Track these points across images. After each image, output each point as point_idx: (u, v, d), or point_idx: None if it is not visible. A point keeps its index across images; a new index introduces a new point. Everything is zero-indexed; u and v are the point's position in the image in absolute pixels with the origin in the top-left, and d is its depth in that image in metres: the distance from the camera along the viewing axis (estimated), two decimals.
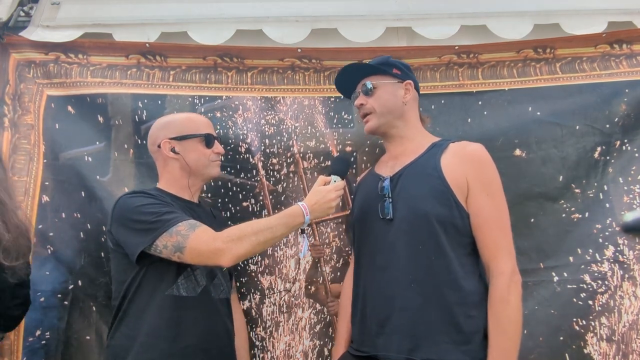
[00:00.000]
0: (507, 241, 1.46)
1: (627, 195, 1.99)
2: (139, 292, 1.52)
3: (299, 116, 2.07)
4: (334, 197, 1.51)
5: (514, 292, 1.40)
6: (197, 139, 1.65)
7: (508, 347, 1.37)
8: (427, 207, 1.44)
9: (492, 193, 1.47)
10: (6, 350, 1.85)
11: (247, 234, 1.44)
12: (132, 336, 1.49)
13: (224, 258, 1.41)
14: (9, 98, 2.04)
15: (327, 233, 2.03)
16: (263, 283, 2.01)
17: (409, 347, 1.39)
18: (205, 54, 2.08)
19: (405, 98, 1.61)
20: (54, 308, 1.93)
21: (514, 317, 1.38)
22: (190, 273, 1.54)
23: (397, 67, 1.63)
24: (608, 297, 1.93)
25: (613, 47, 2.09)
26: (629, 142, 2.01)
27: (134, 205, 1.50)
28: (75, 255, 1.96)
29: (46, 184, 1.99)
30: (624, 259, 1.95)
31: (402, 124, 1.61)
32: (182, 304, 1.52)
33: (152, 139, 1.68)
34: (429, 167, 1.50)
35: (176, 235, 1.42)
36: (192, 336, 1.52)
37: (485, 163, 1.51)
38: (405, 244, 1.45)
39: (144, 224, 1.46)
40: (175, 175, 1.65)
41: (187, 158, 1.63)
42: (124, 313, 1.53)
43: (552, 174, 2.00)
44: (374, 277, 1.50)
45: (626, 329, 1.91)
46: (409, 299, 1.41)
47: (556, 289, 1.94)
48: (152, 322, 1.49)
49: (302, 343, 1.99)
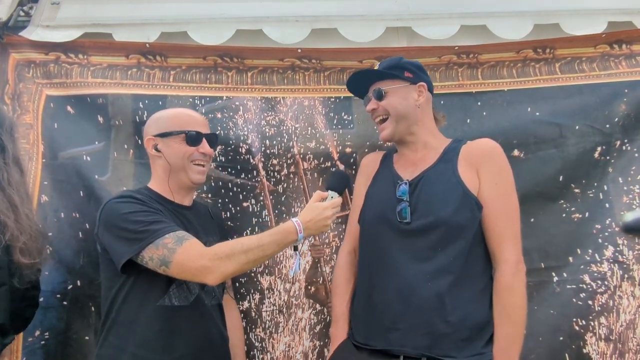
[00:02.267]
0: (514, 230, 1.49)
1: (626, 195, 2.00)
2: (128, 301, 1.48)
3: (299, 117, 2.07)
4: (330, 214, 1.49)
5: (519, 279, 1.43)
6: (179, 136, 1.57)
7: (513, 333, 1.40)
8: (448, 212, 1.46)
9: (501, 182, 1.50)
10: (6, 350, 1.83)
11: (236, 252, 1.39)
12: (121, 347, 1.46)
13: (211, 276, 1.38)
14: (8, 98, 2.04)
15: (327, 233, 2.03)
16: (262, 283, 2.01)
17: (426, 344, 1.40)
18: (205, 54, 2.08)
19: (418, 101, 1.61)
20: (53, 308, 1.92)
21: (519, 304, 1.42)
22: (182, 282, 1.50)
23: (408, 70, 1.62)
24: (607, 297, 1.93)
25: (612, 48, 2.09)
26: (629, 142, 2.01)
27: (121, 211, 1.45)
28: (74, 255, 1.96)
29: (45, 183, 1.98)
30: (624, 259, 1.95)
31: (418, 129, 1.62)
32: (174, 313, 1.49)
33: (144, 135, 1.66)
34: (448, 172, 1.52)
35: (162, 248, 1.38)
36: (184, 345, 1.49)
37: (494, 154, 1.54)
38: (423, 246, 1.47)
39: (130, 232, 1.41)
40: (160, 175, 1.61)
41: (167, 156, 1.57)
42: (112, 322, 1.49)
43: (552, 174, 2.00)
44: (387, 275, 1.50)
45: (623, 328, 1.92)
46: (426, 297, 1.42)
47: (556, 289, 1.95)
48: (143, 333, 1.46)
49: (302, 344, 1.99)
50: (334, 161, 2.04)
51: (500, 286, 1.43)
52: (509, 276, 1.43)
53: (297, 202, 2.03)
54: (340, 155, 2.04)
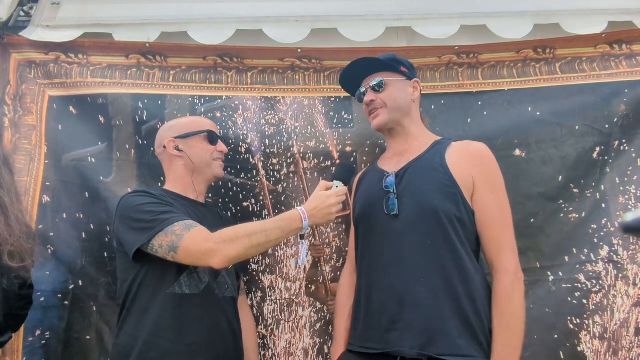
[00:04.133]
0: (511, 238, 1.48)
1: (622, 195, 2.01)
2: (141, 290, 1.53)
3: (299, 116, 2.08)
4: (335, 202, 1.50)
5: (518, 288, 1.42)
6: (201, 135, 1.69)
7: (512, 342, 1.39)
8: (435, 202, 1.45)
9: (497, 191, 1.50)
10: (7, 350, 1.85)
11: (240, 235, 1.42)
12: (136, 335, 1.50)
13: (215, 259, 1.40)
14: (10, 98, 2.05)
15: (327, 233, 2.06)
16: (264, 282, 2.05)
17: (422, 343, 1.38)
18: (205, 54, 2.08)
19: (413, 95, 1.63)
20: (54, 308, 1.93)
21: (517, 313, 1.41)
22: (193, 270, 1.54)
23: (404, 65, 1.64)
24: (602, 297, 1.96)
25: (613, 48, 2.09)
26: (627, 143, 2.03)
27: (134, 204, 1.51)
28: (76, 255, 1.97)
29: (47, 184, 2.00)
30: (618, 259, 1.98)
31: (408, 121, 1.63)
32: (184, 301, 1.52)
33: (158, 142, 1.73)
34: (435, 163, 1.51)
35: (171, 235, 1.42)
36: (195, 334, 1.52)
37: (489, 161, 1.53)
38: (412, 239, 1.46)
39: (141, 222, 1.47)
40: (180, 174, 1.68)
41: (190, 155, 1.66)
42: (127, 312, 1.54)
43: (552, 174, 2.01)
44: (381, 273, 1.50)
45: (617, 327, 1.95)
46: (419, 294, 1.41)
47: (551, 288, 1.97)
48: (155, 320, 1.49)
49: (302, 341, 2.02)
50: (334, 160, 2.06)
51: (499, 295, 1.42)
52: (509, 285, 1.41)
53: (297, 202, 2.05)
54: (340, 154, 2.06)
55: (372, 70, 1.63)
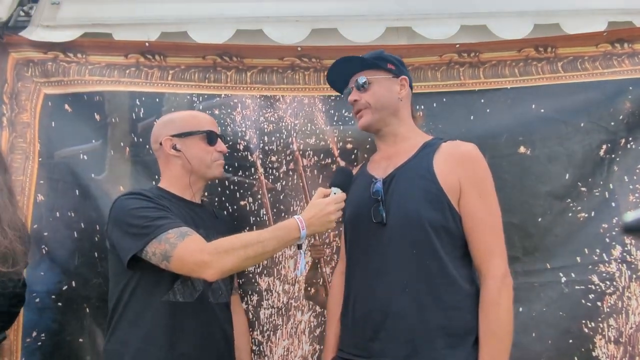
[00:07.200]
0: (499, 243, 1.43)
1: (632, 194, 1.95)
2: (134, 297, 1.49)
3: (299, 114, 2.05)
4: (333, 209, 1.45)
5: (505, 294, 1.38)
6: (199, 136, 1.63)
7: (498, 349, 1.34)
8: (420, 211, 1.41)
9: (485, 195, 1.45)
10: (6, 350, 1.83)
11: (235, 247, 1.37)
12: (127, 341, 1.46)
13: (209, 272, 1.35)
14: (7, 97, 2.03)
15: (327, 233, 1.98)
16: (261, 285, 1.96)
17: (407, 353, 1.37)
18: (204, 53, 2.07)
19: (400, 94, 1.58)
20: (49, 309, 1.90)
21: (504, 320, 1.36)
22: (187, 278, 1.49)
23: (391, 62, 1.60)
24: (616, 298, 1.87)
25: (614, 46, 2.07)
26: (634, 141, 1.98)
27: (128, 207, 1.46)
28: (70, 255, 1.93)
29: (41, 182, 1.96)
30: (632, 259, 1.90)
31: (396, 121, 1.58)
32: (178, 310, 1.48)
33: (154, 137, 1.67)
34: (422, 169, 1.47)
35: (165, 243, 1.37)
36: (188, 343, 1.48)
37: (477, 164, 1.48)
38: (398, 248, 1.42)
39: (135, 228, 1.42)
40: (177, 174, 1.63)
41: (188, 156, 1.60)
42: (119, 317, 1.50)
43: (559, 172, 1.96)
44: (367, 281, 1.46)
45: (633, 331, 1.86)
46: (404, 304, 1.39)
47: (564, 290, 1.89)
48: (148, 328, 1.46)
49: (301, 347, 1.92)
50: (334, 158, 2.01)
51: (486, 302, 1.37)
52: (495, 291, 1.37)
53: (297, 201, 1.99)
54: (341, 151, 2.01)
55: (357, 68, 1.60)
